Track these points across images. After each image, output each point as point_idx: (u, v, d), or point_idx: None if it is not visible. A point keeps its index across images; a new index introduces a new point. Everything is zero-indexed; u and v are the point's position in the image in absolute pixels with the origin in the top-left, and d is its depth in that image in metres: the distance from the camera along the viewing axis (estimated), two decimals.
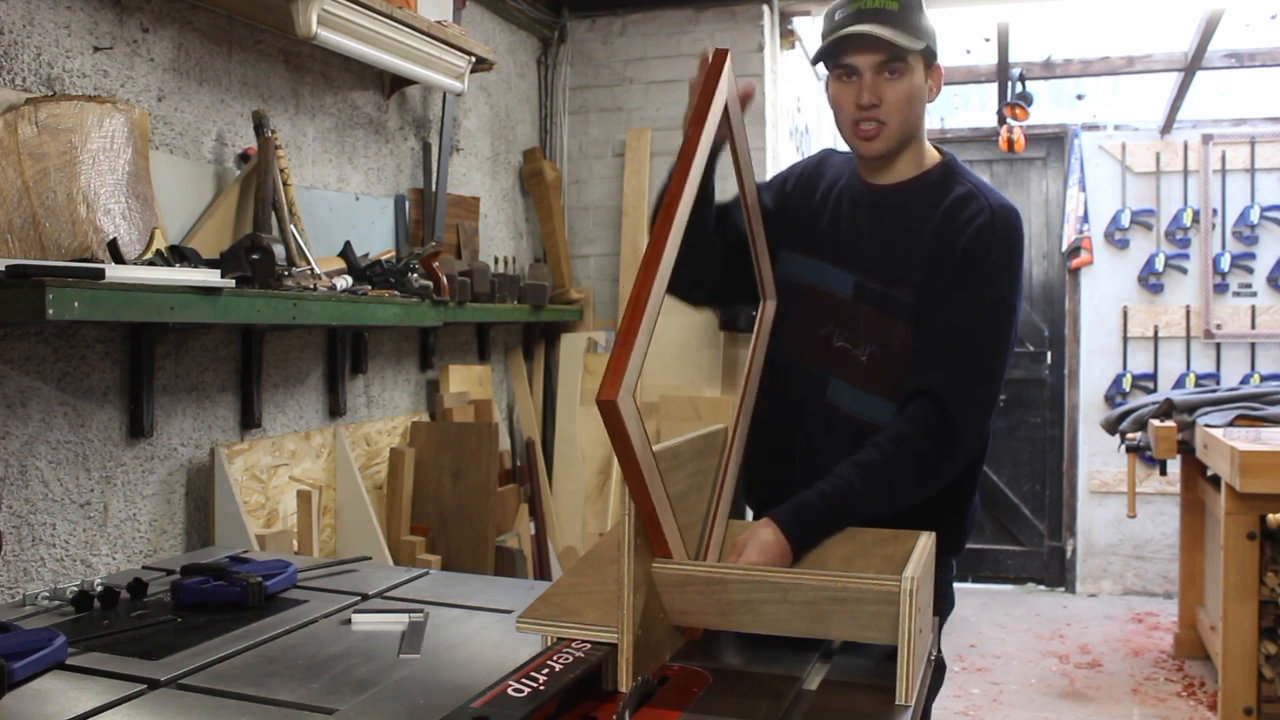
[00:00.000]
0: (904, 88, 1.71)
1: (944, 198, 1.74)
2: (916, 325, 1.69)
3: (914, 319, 1.69)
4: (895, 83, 1.71)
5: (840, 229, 1.81)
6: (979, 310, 1.67)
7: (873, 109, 1.70)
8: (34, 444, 2.11)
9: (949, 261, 1.68)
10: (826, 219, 1.83)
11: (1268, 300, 5.63)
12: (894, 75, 1.70)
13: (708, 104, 1.41)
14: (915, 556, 1.31)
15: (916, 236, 1.72)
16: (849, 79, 1.72)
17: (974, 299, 1.67)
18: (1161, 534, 5.70)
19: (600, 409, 1.12)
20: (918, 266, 1.70)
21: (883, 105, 1.71)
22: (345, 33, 2.70)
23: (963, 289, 1.67)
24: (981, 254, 1.68)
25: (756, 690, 1.27)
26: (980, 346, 1.68)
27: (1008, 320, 1.69)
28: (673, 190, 1.31)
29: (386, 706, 1.21)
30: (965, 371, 1.66)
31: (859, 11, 1.69)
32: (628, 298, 1.23)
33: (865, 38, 1.67)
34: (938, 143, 1.89)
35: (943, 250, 1.69)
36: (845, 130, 1.77)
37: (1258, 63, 5.08)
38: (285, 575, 1.76)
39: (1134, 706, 3.98)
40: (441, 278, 3.03)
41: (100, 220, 2.13)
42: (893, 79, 1.70)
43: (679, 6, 4.27)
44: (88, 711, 1.19)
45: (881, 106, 1.71)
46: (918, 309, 1.69)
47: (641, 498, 1.21)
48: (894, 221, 1.76)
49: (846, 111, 1.74)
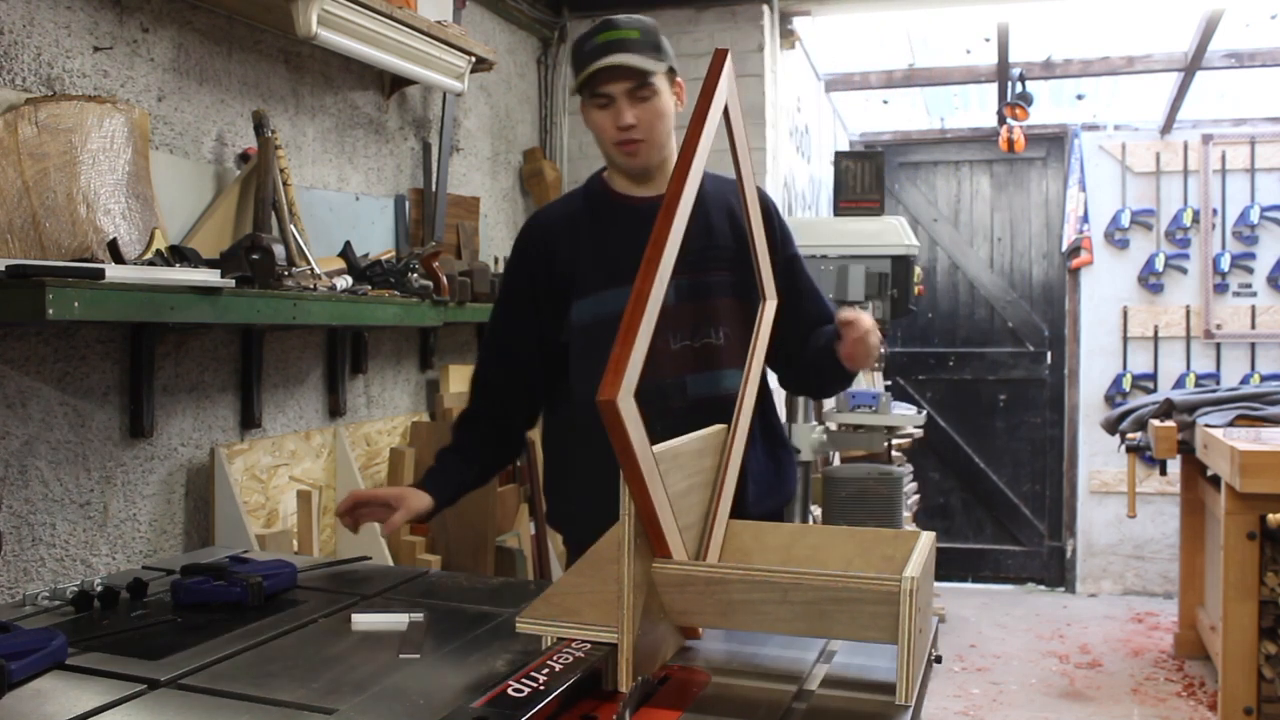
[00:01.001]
0: (654, 106, 1.94)
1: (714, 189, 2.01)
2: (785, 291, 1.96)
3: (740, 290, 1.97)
4: (647, 104, 1.92)
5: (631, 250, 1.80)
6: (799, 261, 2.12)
7: (630, 129, 1.92)
8: (34, 444, 2.11)
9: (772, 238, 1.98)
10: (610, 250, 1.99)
11: (1268, 300, 5.64)
12: (644, 99, 1.92)
13: (707, 104, 1.41)
14: (915, 556, 1.31)
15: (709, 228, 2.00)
16: (605, 106, 1.94)
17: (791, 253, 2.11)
18: (1161, 534, 5.70)
19: (600, 409, 1.12)
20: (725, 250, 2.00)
21: (639, 125, 1.93)
22: (345, 33, 2.70)
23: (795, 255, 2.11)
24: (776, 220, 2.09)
25: (756, 690, 1.28)
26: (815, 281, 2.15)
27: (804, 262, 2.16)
28: (673, 190, 1.31)
29: (386, 706, 1.21)
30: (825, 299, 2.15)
31: (605, 44, 1.90)
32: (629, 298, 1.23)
33: (616, 68, 1.88)
34: (936, 142, 1.96)
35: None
36: (609, 150, 1.99)
37: (1258, 63, 5.08)
38: (285, 575, 1.74)
39: (1134, 706, 3.98)
40: (441, 278, 3.03)
41: (100, 220, 2.13)
42: (644, 101, 1.92)
43: (679, 6, 4.27)
44: (88, 711, 1.19)
45: (638, 126, 1.92)
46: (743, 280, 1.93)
47: (641, 498, 1.21)
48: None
49: (608, 134, 1.96)
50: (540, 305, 2.04)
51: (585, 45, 1.93)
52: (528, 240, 2.11)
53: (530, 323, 2.05)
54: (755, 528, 1.59)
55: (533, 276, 2.06)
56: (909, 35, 5.16)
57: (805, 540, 1.57)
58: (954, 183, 6.12)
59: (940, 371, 6.17)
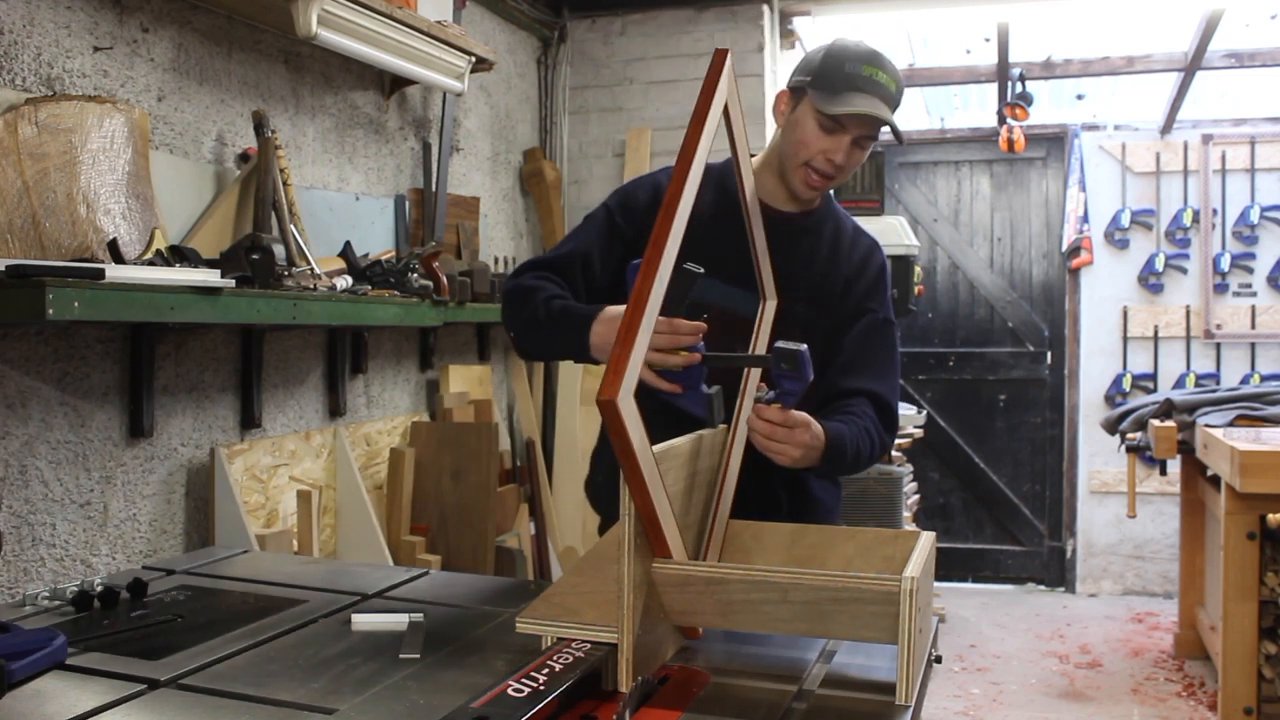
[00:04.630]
0: (862, 157, 1.85)
1: (835, 227, 1.95)
2: (829, 336, 1.88)
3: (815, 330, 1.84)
4: (859, 153, 1.83)
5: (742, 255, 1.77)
6: (886, 326, 1.95)
7: (835, 169, 1.82)
8: (34, 444, 2.11)
9: (856, 284, 1.92)
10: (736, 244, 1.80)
11: (1268, 300, 5.63)
12: (862, 148, 1.83)
13: (708, 103, 1.41)
14: (915, 556, 1.31)
15: (813, 259, 1.91)
16: (831, 131, 1.80)
17: (880, 316, 1.94)
18: (1161, 534, 5.70)
19: (600, 409, 1.12)
20: (817, 286, 1.90)
21: (844, 169, 1.83)
22: (345, 33, 2.70)
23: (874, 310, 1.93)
24: (881, 281, 1.96)
25: (756, 690, 1.28)
26: (892, 354, 1.96)
27: (895, 334, 2.00)
28: (672, 190, 1.31)
29: (386, 706, 1.21)
30: (892, 380, 1.94)
31: (873, 80, 1.76)
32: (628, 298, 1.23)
33: (869, 116, 1.75)
34: (936, 142, 1.95)
35: (849, 274, 1.92)
36: (794, 164, 1.85)
37: (1258, 63, 5.08)
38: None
39: (1134, 706, 3.98)
40: (441, 278, 3.03)
41: (100, 220, 2.13)
42: (860, 150, 1.83)
43: (679, 6, 4.27)
44: (88, 711, 1.19)
45: (844, 170, 1.83)
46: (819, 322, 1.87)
47: (642, 498, 1.21)
48: (793, 245, 1.89)
49: (809, 154, 1.83)
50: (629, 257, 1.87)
51: (846, 64, 1.76)
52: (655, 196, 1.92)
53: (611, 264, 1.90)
54: (755, 528, 1.60)
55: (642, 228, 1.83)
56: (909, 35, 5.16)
57: (805, 540, 1.57)
58: (954, 183, 6.12)
59: (940, 371, 6.17)
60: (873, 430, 1.82)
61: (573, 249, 1.91)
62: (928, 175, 6.14)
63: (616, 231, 1.92)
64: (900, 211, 6.01)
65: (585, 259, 1.89)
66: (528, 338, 1.87)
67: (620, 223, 1.92)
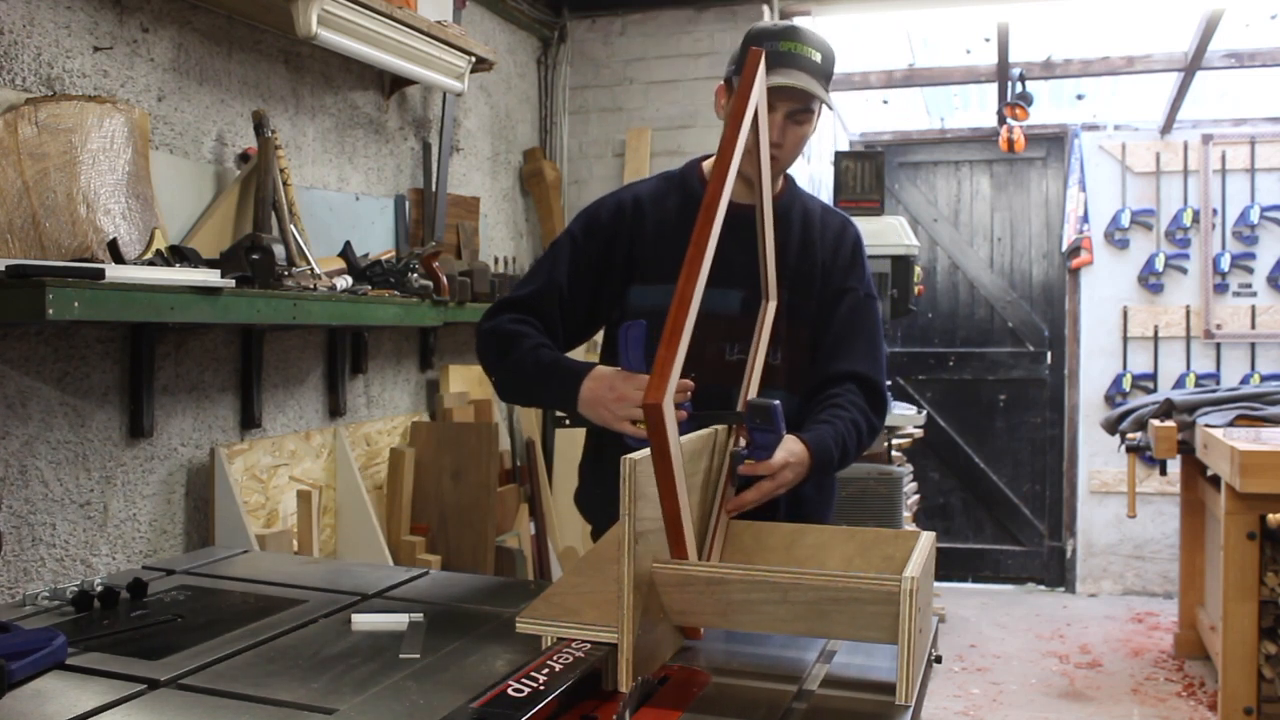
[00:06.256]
0: (802, 134, 1.84)
1: (803, 210, 1.94)
2: (815, 320, 1.89)
3: (801, 316, 1.87)
4: (797, 129, 1.83)
5: (717, 252, 1.79)
6: (867, 302, 1.94)
7: (774, 148, 1.79)
8: (34, 444, 2.11)
9: (834, 264, 1.92)
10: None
11: (1268, 300, 5.63)
12: (799, 124, 1.82)
13: (744, 104, 1.42)
14: (915, 556, 1.31)
15: (786, 247, 1.88)
16: None
17: (863, 296, 1.94)
18: (1161, 534, 5.70)
19: (645, 411, 1.16)
20: (795, 271, 1.89)
21: (784, 147, 1.82)
22: (345, 33, 2.70)
23: (854, 288, 1.93)
24: (858, 256, 1.95)
25: (756, 690, 1.27)
26: (876, 330, 1.95)
27: (877, 308, 1.99)
28: (712, 190, 1.33)
29: (386, 706, 1.21)
30: (878, 356, 1.93)
31: (791, 54, 1.77)
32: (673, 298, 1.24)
33: (787, 88, 1.75)
34: (936, 142, 1.95)
35: (824, 256, 1.92)
36: None
37: (1258, 63, 5.08)
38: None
39: (1134, 706, 3.98)
40: (441, 278, 3.03)
41: (100, 220, 2.13)
42: (797, 126, 1.82)
43: (679, 6, 4.27)
44: (88, 711, 1.19)
45: (783, 148, 1.82)
46: (803, 307, 1.88)
47: (670, 501, 1.23)
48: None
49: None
50: (603, 279, 1.92)
51: (763, 44, 1.77)
52: (618, 213, 1.96)
53: (585, 291, 1.92)
54: (755, 528, 1.60)
55: (610, 247, 1.93)
56: (909, 35, 5.16)
57: (805, 540, 1.57)
58: (954, 183, 6.12)
59: (940, 371, 6.17)
60: (859, 419, 1.83)
61: (545, 283, 1.94)
62: (928, 175, 6.13)
63: (582, 257, 1.94)
64: (900, 211, 6.01)
65: (560, 292, 1.92)
66: (511, 385, 1.91)
67: (584, 246, 1.95)
